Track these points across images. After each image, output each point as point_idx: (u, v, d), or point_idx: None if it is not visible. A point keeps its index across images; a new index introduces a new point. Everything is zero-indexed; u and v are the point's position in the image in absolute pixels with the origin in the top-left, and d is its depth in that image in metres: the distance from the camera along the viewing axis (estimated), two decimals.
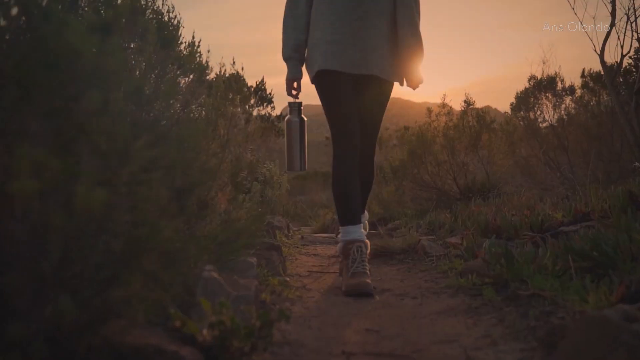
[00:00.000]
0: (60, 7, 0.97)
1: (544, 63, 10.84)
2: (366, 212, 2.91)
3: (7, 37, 0.84)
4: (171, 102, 1.02)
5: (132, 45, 1.61)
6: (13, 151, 0.62)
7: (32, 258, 0.70)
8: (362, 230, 2.45)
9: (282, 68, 2.58)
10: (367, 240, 2.42)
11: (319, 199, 10.92)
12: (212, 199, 1.64)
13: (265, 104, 13.22)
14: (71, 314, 0.74)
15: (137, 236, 0.83)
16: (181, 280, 1.05)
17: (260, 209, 2.01)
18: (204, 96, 1.95)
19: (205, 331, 1.16)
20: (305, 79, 2.61)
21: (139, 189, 0.80)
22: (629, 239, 1.95)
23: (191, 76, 2.11)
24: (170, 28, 2.23)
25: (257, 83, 13.84)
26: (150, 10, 2.16)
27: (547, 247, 2.18)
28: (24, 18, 0.84)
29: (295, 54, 2.52)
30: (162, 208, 0.87)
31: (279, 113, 13.28)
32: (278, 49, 2.62)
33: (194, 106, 1.83)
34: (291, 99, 2.58)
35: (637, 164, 3.50)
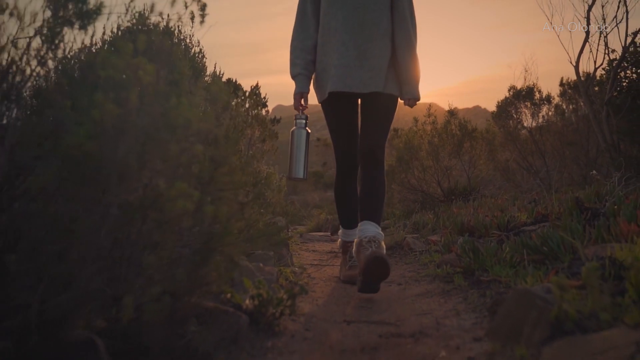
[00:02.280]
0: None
1: (526, 71, 11.39)
2: (382, 232, 2.48)
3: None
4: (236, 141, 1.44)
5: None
6: (171, 185, 1.07)
7: (171, 247, 1.16)
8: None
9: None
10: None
11: (312, 199, 11.37)
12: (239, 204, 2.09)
13: (260, 108, 13.66)
14: (182, 282, 1.19)
15: (214, 233, 1.28)
16: (230, 266, 1.50)
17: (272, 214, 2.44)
18: (228, 119, 2.39)
19: (247, 301, 1.62)
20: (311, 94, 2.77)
21: (219, 201, 1.25)
22: (572, 237, 2.43)
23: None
24: (197, 60, 2.67)
25: (252, 87, 14.26)
26: (184, 44, 2.60)
27: (508, 243, 2.66)
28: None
29: (303, 71, 2.67)
30: (229, 214, 1.31)
31: (272, 115, 13.69)
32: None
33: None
34: (298, 112, 2.73)
35: (594, 172, 3.98)
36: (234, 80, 9.73)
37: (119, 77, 1.22)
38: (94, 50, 1.66)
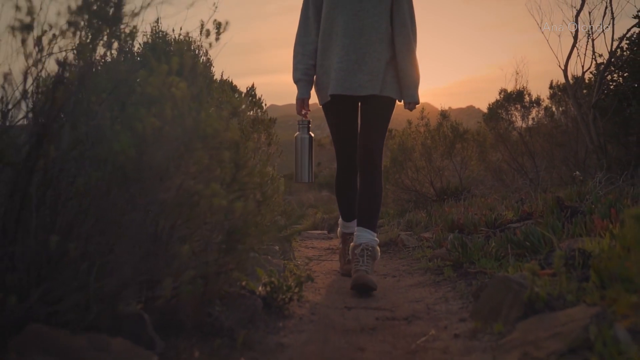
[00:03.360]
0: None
1: (517, 73, 11.65)
2: (377, 237, 2.66)
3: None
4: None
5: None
6: (207, 186, 1.28)
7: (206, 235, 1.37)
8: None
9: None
10: (376, 247, 2.62)
11: (307, 199, 11.58)
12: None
13: (256, 109, 13.85)
14: (211, 267, 1.40)
15: (237, 226, 1.50)
16: (250, 254, 1.71)
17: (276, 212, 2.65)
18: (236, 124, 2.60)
19: (260, 288, 1.83)
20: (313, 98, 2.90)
21: (241, 199, 1.46)
22: (552, 232, 2.66)
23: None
24: (205, 69, 2.88)
25: (248, 89, 14.40)
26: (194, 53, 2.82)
27: (494, 239, 2.89)
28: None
29: (304, 76, 2.75)
30: (247, 212, 1.53)
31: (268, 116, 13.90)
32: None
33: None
34: (300, 117, 2.83)
35: (577, 173, 4.21)
36: (229, 81, 9.94)
37: (156, 93, 1.43)
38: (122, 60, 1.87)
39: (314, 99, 2.88)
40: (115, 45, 1.60)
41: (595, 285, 1.61)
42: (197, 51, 2.92)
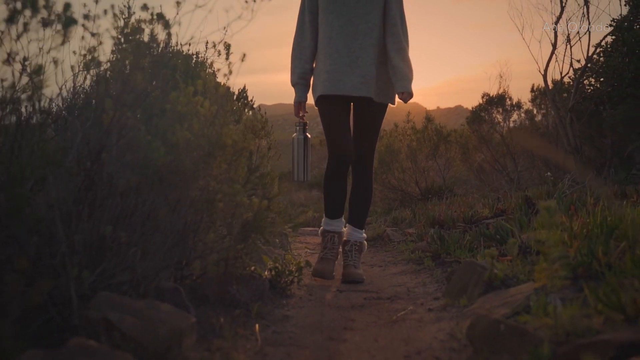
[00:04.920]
0: None
1: (501, 77, 12.08)
2: (365, 233, 2.91)
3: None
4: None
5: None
6: (230, 186, 1.62)
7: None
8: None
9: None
10: (364, 242, 2.84)
11: (298, 199, 11.91)
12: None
13: (247, 110, 14.19)
14: (231, 253, 1.73)
15: (251, 220, 1.83)
16: (260, 243, 2.04)
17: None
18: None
19: (266, 272, 2.16)
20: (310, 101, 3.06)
21: (254, 197, 1.79)
22: (520, 226, 3.02)
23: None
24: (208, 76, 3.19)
25: (240, 91, 14.72)
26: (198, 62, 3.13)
27: (470, 233, 3.24)
28: None
29: (301, 80, 2.85)
30: (260, 208, 1.86)
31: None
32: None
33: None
34: (298, 120, 2.92)
35: (548, 173, 4.59)
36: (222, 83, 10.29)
37: (184, 110, 1.76)
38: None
39: (310, 100, 2.96)
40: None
41: (543, 267, 1.97)
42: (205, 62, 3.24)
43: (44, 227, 1.47)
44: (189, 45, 1.88)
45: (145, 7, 1.56)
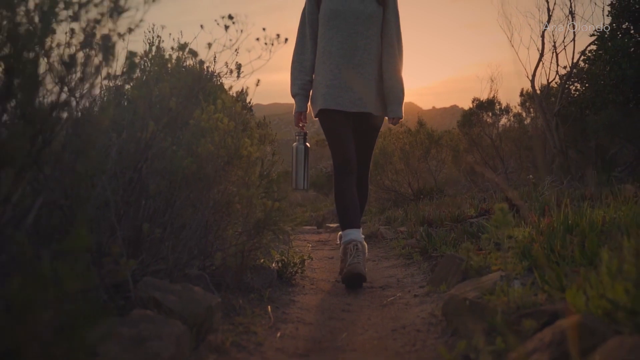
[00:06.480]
0: None
1: (492, 81, 12.43)
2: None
3: None
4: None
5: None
6: (247, 189, 1.93)
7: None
8: (360, 232, 2.77)
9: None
10: (364, 242, 2.73)
11: (295, 199, 12.20)
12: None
13: (246, 113, 14.41)
14: (247, 246, 2.05)
15: (262, 218, 2.14)
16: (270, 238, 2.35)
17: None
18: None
19: (274, 264, 2.48)
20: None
21: (265, 198, 2.12)
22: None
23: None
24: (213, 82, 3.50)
25: (238, 94, 14.95)
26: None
27: (455, 230, 3.57)
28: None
29: (301, 91, 2.93)
30: (272, 208, 2.18)
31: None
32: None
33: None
34: (298, 129, 3.03)
35: (530, 176, 4.92)
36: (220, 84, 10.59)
37: (207, 126, 2.08)
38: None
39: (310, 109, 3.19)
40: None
41: (497, 255, 2.29)
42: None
43: (94, 224, 1.78)
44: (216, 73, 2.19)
45: (183, 47, 1.88)
